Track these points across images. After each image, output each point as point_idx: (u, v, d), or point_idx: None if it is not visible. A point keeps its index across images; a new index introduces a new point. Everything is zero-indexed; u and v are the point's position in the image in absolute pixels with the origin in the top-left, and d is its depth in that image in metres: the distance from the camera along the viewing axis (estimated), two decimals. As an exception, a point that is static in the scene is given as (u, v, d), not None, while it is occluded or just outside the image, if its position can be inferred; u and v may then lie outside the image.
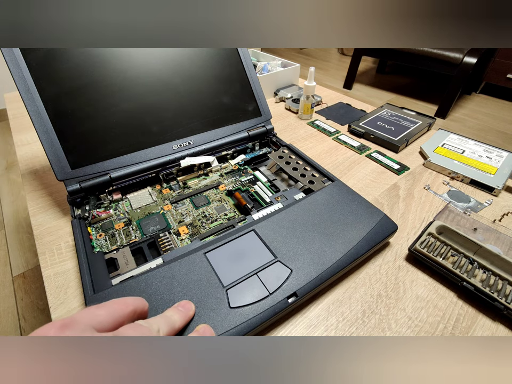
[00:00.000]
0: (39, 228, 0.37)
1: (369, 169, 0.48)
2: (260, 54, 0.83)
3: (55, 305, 0.29)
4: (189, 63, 0.42)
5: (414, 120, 0.60)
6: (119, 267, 0.29)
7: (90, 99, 0.36)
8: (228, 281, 0.27)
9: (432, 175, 0.47)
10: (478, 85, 2.11)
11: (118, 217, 0.36)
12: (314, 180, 0.40)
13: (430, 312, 0.29)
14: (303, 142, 0.56)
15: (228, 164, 0.44)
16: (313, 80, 0.59)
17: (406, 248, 0.35)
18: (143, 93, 0.39)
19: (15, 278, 0.99)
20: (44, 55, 0.34)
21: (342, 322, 0.28)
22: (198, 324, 0.24)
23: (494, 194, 0.43)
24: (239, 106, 0.46)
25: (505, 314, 0.27)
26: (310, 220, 0.33)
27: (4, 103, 1.57)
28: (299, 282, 0.27)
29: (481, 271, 0.30)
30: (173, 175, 0.41)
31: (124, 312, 0.19)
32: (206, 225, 0.35)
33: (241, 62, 0.46)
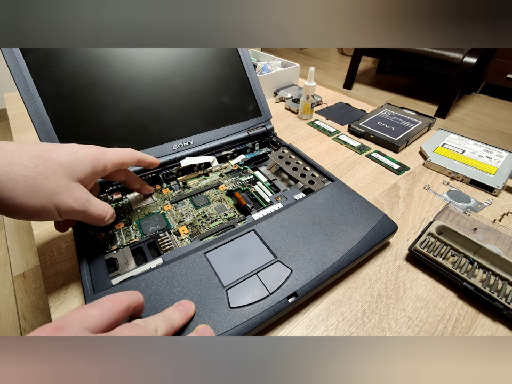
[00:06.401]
0: (39, 228, 0.37)
1: (369, 169, 0.48)
2: (260, 54, 0.83)
3: (55, 305, 0.29)
4: (189, 63, 0.42)
5: (414, 120, 0.60)
6: (119, 267, 0.29)
7: (90, 99, 0.36)
8: (227, 281, 0.27)
9: (432, 175, 0.47)
10: (478, 85, 2.11)
11: (118, 217, 0.35)
12: (314, 180, 0.40)
13: (430, 312, 0.29)
14: (303, 142, 0.56)
15: (228, 163, 0.44)
16: (313, 80, 0.59)
17: (406, 248, 0.35)
18: (143, 93, 0.39)
19: (15, 278, 0.99)
20: (44, 55, 0.34)
21: (342, 322, 0.28)
22: (197, 323, 0.24)
23: (494, 194, 0.43)
24: (239, 106, 0.46)
25: (505, 314, 0.27)
26: (310, 220, 0.33)
27: (4, 103, 1.57)
28: (299, 282, 0.27)
29: (481, 271, 0.30)
30: (173, 175, 0.41)
31: (117, 309, 0.19)
32: (206, 225, 0.35)
33: (241, 62, 0.46)
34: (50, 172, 0.23)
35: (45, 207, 0.23)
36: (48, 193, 0.22)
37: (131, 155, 0.30)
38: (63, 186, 0.23)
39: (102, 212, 0.27)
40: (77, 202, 0.24)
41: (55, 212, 0.23)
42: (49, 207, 0.23)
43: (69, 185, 0.24)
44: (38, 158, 0.23)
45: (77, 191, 0.24)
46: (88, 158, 0.26)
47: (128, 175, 0.34)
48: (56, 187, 0.23)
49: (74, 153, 0.25)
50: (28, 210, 0.22)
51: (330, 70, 2.59)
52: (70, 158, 0.24)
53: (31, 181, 0.22)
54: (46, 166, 0.23)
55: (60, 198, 0.23)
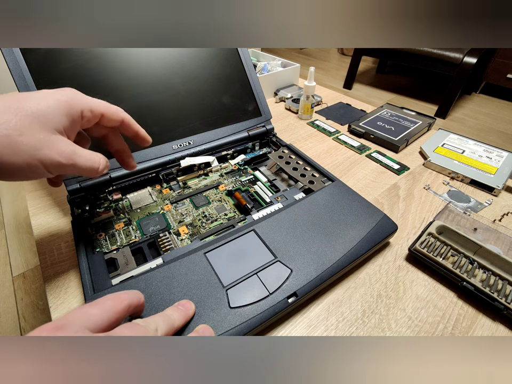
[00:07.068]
0: (39, 228, 0.37)
1: (369, 169, 0.48)
2: (260, 54, 0.83)
3: (55, 305, 0.29)
4: (189, 63, 0.42)
5: (414, 120, 0.60)
6: (119, 267, 0.29)
7: (90, 99, 0.36)
8: (228, 281, 0.27)
9: (432, 175, 0.47)
10: (478, 85, 2.11)
11: (118, 217, 0.36)
12: (314, 180, 0.40)
13: (430, 312, 0.29)
14: (303, 142, 0.56)
15: (228, 163, 0.44)
16: (313, 80, 0.59)
17: (406, 248, 0.35)
18: (143, 93, 0.39)
19: (15, 278, 0.99)
20: (44, 55, 0.34)
21: (342, 322, 0.28)
22: (197, 323, 0.24)
23: (494, 194, 0.43)
24: (239, 106, 0.46)
25: (505, 314, 0.27)
26: (310, 220, 0.33)
27: (4, 103, 1.56)
28: (299, 282, 0.27)
29: (481, 271, 0.30)
30: (173, 175, 0.41)
31: (117, 308, 0.19)
32: (206, 225, 0.35)
33: (241, 62, 0.46)
34: (24, 125, 0.20)
35: (29, 165, 0.20)
36: (28, 150, 0.20)
37: (115, 110, 0.26)
38: (43, 141, 0.21)
39: (93, 163, 0.24)
40: (63, 156, 0.22)
41: (42, 168, 0.21)
42: (34, 164, 0.21)
43: (49, 139, 0.21)
44: (6, 113, 0.20)
45: (60, 144, 0.22)
46: (61, 105, 0.23)
47: (111, 131, 0.28)
48: (36, 142, 0.21)
49: (44, 100, 0.22)
50: (12, 170, 0.20)
51: (330, 70, 2.59)
52: (40, 107, 0.22)
53: (5, 138, 0.19)
54: (18, 119, 0.20)
55: (44, 154, 0.21)
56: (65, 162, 0.22)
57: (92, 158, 0.24)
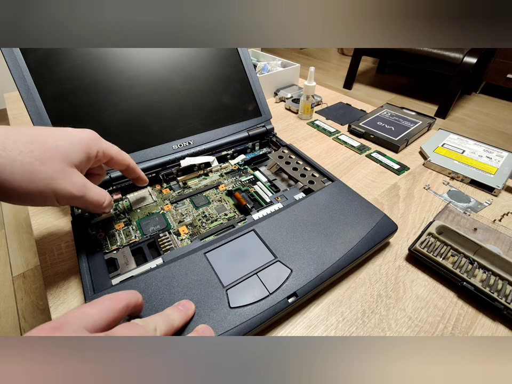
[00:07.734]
0: (39, 228, 0.37)
1: (369, 169, 0.48)
2: (260, 54, 0.83)
3: (55, 305, 0.29)
4: (189, 63, 0.42)
5: (414, 120, 0.60)
6: (119, 267, 0.29)
7: (90, 99, 0.36)
8: (227, 281, 0.27)
9: (432, 175, 0.47)
10: (478, 85, 2.11)
11: (118, 217, 0.36)
12: (314, 180, 0.40)
13: (430, 312, 0.29)
14: (303, 142, 0.56)
15: (228, 163, 0.44)
16: (313, 80, 0.59)
17: (406, 248, 0.35)
18: (143, 93, 0.39)
19: (15, 278, 0.99)
20: (44, 55, 0.34)
21: (342, 322, 0.28)
22: (197, 323, 0.24)
23: (494, 194, 0.43)
24: (239, 106, 0.46)
25: (505, 314, 0.27)
26: (310, 220, 0.33)
27: (4, 103, 1.57)
28: (299, 282, 0.27)
29: (481, 271, 0.30)
30: (173, 175, 0.41)
31: (116, 308, 0.19)
32: (206, 225, 0.35)
33: (241, 62, 0.46)
34: (46, 156, 0.23)
35: (42, 193, 0.23)
36: (45, 178, 0.22)
37: (124, 156, 0.30)
38: (60, 172, 0.23)
39: (100, 197, 0.27)
40: (75, 188, 0.24)
41: (53, 197, 0.23)
42: (47, 192, 0.23)
43: (66, 170, 0.24)
44: (33, 143, 0.22)
45: (74, 177, 0.24)
46: (82, 143, 0.26)
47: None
48: (53, 172, 0.23)
49: (68, 137, 0.25)
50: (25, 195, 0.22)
51: (330, 70, 2.59)
52: (64, 142, 0.24)
53: (28, 166, 0.22)
54: (42, 151, 0.23)
55: (57, 183, 0.23)
56: (76, 193, 0.24)
57: (99, 192, 0.27)
